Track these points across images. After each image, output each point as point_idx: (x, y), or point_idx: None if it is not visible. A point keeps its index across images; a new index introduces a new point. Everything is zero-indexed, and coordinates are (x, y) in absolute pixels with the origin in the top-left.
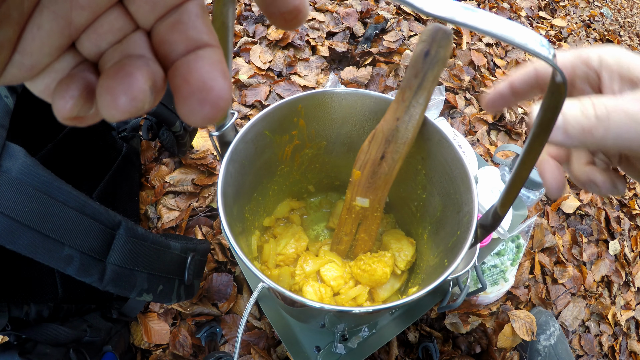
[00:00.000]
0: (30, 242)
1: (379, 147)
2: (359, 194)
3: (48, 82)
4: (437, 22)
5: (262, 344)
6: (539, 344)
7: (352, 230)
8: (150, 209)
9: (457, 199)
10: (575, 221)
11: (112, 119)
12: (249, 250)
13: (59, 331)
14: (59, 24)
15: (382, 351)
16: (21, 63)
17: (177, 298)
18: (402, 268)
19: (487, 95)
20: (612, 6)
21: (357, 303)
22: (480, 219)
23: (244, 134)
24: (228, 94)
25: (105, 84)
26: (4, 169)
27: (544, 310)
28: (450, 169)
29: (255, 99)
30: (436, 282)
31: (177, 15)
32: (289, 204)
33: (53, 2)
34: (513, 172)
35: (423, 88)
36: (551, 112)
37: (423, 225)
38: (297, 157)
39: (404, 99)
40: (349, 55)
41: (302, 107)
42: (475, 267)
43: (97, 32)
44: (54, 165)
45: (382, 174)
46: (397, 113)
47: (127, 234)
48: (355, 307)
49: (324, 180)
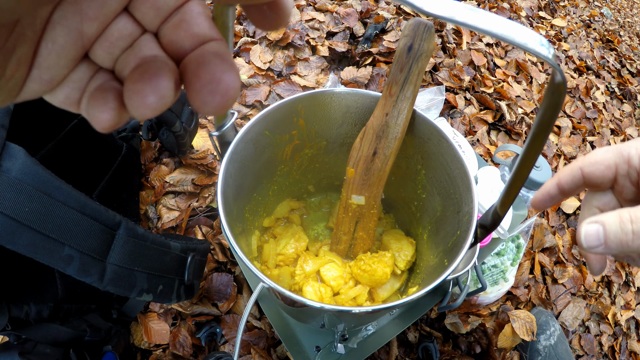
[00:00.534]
0: (30, 242)
1: (370, 144)
2: (354, 191)
3: (67, 92)
4: (419, 16)
5: (262, 344)
6: (539, 344)
7: (350, 229)
8: (150, 209)
9: (457, 198)
10: (575, 221)
11: (142, 118)
12: (249, 251)
13: (59, 331)
14: (71, 37)
15: (382, 351)
16: (40, 77)
17: (177, 298)
18: (402, 268)
19: (536, 196)
20: (612, 6)
21: (357, 303)
22: (480, 218)
23: (244, 133)
24: (237, 83)
25: (134, 87)
26: (4, 169)
27: (544, 310)
28: (450, 168)
29: (255, 99)
30: (436, 282)
31: (179, 15)
32: (289, 204)
33: (64, 16)
34: (513, 172)
35: (409, 82)
36: (551, 111)
37: (423, 225)
38: (296, 157)
39: (391, 94)
40: (349, 55)
41: (302, 107)
42: (475, 267)
43: (108, 40)
44: (54, 165)
45: (376, 170)
46: (386, 108)
47: (127, 234)
48: (354, 307)
49: (324, 180)
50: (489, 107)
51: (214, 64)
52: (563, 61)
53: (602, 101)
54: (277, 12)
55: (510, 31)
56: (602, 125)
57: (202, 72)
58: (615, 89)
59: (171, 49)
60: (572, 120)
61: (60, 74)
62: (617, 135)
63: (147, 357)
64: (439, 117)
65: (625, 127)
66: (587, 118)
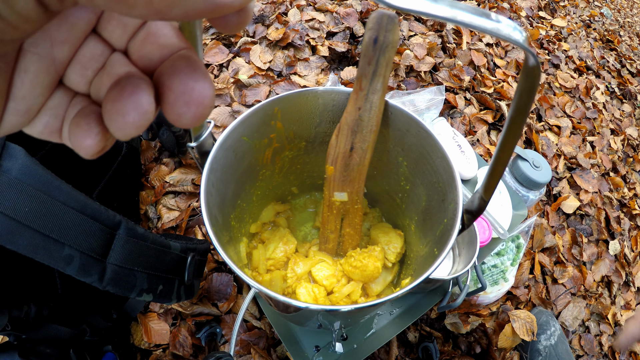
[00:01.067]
0: (30, 242)
1: (346, 140)
2: (336, 189)
3: (46, 121)
4: (382, 8)
5: (262, 344)
6: (540, 344)
7: (336, 226)
8: (150, 209)
9: (440, 187)
10: (575, 221)
11: (126, 137)
12: (238, 259)
13: (59, 331)
14: (44, 63)
15: (382, 351)
16: (16, 109)
17: (177, 298)
18: (392, 260)
19: (622, 341)
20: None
21: (351, 300)
22: (466, 204)
23: (222, 141)
24: (210, 91)
25: (113, 107)
26: (4, 169)
27: (545, 310)
28: (432, 158)
29: (255, 99)
30: (428, 272)
31: (146, 29)
32: (274, 208)
33: (34, 44)
34: (494, 156)
35: (378, 74)
36: (527, 95)
37: (409, 216)
38: (277, 159)
39: (361, 87)
40: (349, 55)
41: (279, 110)
42: (475, 267)
43: (80, 62)
44: (54, 165)
45: (355, 165)
46: (358, 103)
47: (127, 234)
48: (344, 305)
49: (307, 181)
50: (489, 107)
51: (185, 73)
52: (563, 61)
53: (602, 101)
54: (241, 18)
55: (481, 19)
56: (602, 125)
57: (174, 84)
58: (615, 89)
59: (142, 64)
60: (572, 120)
61: (37, 103)
62: (617, 135)
63: (147, 357)
64: (438, 117)
65: (625, 127)
66: (587, 118)
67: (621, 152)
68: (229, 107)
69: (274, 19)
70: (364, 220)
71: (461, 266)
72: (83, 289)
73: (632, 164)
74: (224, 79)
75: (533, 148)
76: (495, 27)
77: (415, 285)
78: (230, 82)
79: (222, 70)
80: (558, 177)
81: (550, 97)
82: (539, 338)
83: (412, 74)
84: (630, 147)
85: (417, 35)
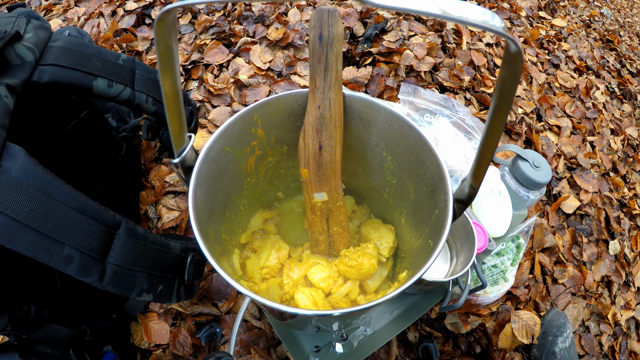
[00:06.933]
0: (30, 242)
1: (313, 140)
2: (314, 190)
3: None
4: (321, 5)
5: (262, 344)
6: (557, 346)
7: (323, 227)
8: (150, 209)
9: (428, 179)
10: (575, 221)
11: None
12: (233, 271)
13: (59, 331)
14: None
15: (382, 351)
16: None
17: (177, 298)
18: (386, 255)
19: None
20: (612, 6)
21: (350, 299)
22: (456, 193)
23: (205, 155)
24: None
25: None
26: (4, 169)
27: (561, 312)
28: (416, 150)
29: (255, 99)
30: (426, 266)
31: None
32: (262, 215)
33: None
34: (480, 143)
35: (330, 69)
36: (510, 82)
37: (399, 210)
38: (261, 167)
39: (316, 86)
40: (349, 55)
41: (258, 117)
42: (475, 266)
43: None
44: (54, 165)
45: (327, 163)
46: (317, 101)
47: (127, 234)
48: (344, 305)
49: (292, 184)
50: (488, 107)
51: None
52: (563, 61)
53: (602, 101)
54: None
55: (460, 11)
56: (602, 125)
57: None
58: (615, 89)
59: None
60: (572, 120)
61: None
62: (617, 135)
63: (147, 357)
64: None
65: (625, 127)
66: (587, 118)
67: (621, 152)
68: (229, 107)
69: (274, 19)
70: (353, 219)
71: (460, 267)
72: (83, 289)
73: (632, 164)
74: (224, 79)
75: (533, 148)
76: (475, 19)
77: (417, 279)
78: (230, 82)
79: (222, 70)
80: (558, 177)
81: (550, 97)
82: (556, 340)
83: (412, 74)
84: (630, 147)
85: (417, 35)
